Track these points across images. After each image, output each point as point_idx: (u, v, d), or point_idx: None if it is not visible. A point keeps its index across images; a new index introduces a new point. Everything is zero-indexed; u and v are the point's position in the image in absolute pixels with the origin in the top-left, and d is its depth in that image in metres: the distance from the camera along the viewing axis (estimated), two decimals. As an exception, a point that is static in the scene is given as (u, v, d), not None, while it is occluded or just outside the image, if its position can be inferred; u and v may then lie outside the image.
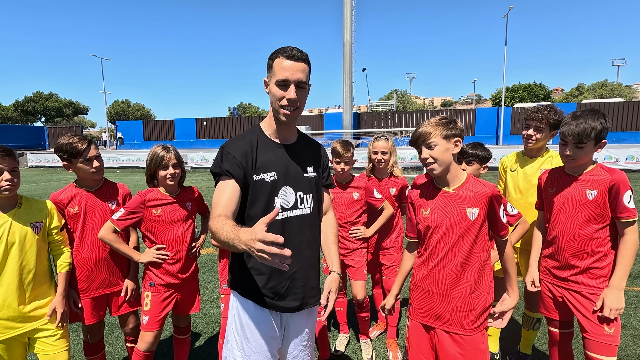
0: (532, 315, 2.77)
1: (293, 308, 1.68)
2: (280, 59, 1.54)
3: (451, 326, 1.80)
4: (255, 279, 1.63)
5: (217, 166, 1.59)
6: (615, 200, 1.94)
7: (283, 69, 1.53)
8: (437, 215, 1.81)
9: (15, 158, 1.99)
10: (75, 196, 2.32)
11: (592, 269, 2.02)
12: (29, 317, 2.03)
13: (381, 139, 3.03)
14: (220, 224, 1.33)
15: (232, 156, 1.56)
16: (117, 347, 3.23)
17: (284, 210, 1.63)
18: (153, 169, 2.38)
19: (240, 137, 1.65)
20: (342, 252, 3.01)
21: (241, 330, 1.66)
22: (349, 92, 22.61)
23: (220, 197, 1.51)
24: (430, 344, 1.88)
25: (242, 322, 1.66)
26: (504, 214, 1.82)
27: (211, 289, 4.48)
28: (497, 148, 18.59)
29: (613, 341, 1.95)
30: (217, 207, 1.49)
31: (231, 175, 1.54)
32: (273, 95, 1.58)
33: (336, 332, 3.39)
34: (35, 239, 2.04)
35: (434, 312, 1.84)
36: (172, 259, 2.41)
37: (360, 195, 2.97)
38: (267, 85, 1.63)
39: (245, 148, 1.59)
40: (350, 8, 21.85)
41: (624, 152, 15.30)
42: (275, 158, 1.63)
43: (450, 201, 1.80)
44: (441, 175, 1.81)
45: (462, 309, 1.78)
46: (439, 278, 1.82)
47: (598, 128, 1.93)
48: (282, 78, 1.53)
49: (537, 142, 2.53)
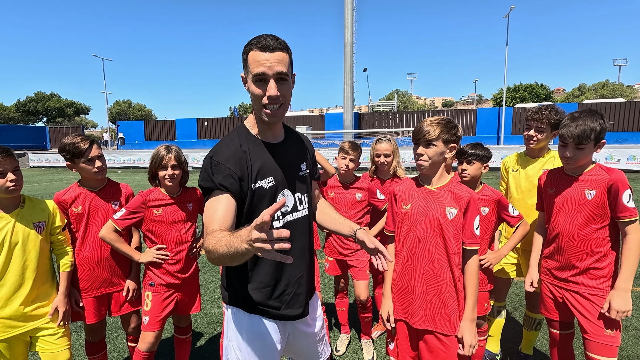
0: (533, 316, 2.77)
1: (300, 315, 1.60)
2: (255, 51, 1.35)
3: (424, 323, 1.84)
4: (259, 292, 1.51)
5: (207, 180, 1.39)
6: (614, 200, 1.94)
7: (259, 63, 1.34)
8: (417, 210, 1.87)
9: (15, 158, 2.00)
10: (79, 196, 2.33)
11: (592, 270, 2.02)
12: (31, 316, 2.04)
13: (384, 141, 3.01)
14: (216, 238, 1.19)
15: (224, 167, 1.39)
16: (118, 346, 3.24)
17: (284, 215, 1.52)
18: (154, 169, 2.39)
19: (228, 143, 1.47)
20: (345, 252, 3.02)
21: (245, 346, 1.54)
22: (349, 92, 22.61)
23: (214, 214, 1.34)
24: (411, 342, 1.92)
25: (244, 338, 1.54)
26: (478, 224, 1.84)
27: (212, 289, 4.48)
28: (499, 148, 18.56)
29: (613, 342, 1.94)
30: (212, 224, 1.32)
31: (225, 189, 1.37)
32: (252, 93, 1.40)
33: (337, 332, 3.40)
34: (38, 239, 2.05)
35: (411, 308, 1.88)
36: (173, 259, 2.42)
37: (363, 196, 2.97)
38: (245, 82, 1.45)
39: (238, 155, 1.42)
40: (351, 8, 21.85)
41: (625, 152, 15.27)
42: (270, 161, 1.49)
43: (432, 199, 1.86)
44: (428, 174, 1.89)
45: (436, 305, 1.82)
46: (415, 273, 1.86)
47: (597, 129, 1.94)
48: (258, 72, 1.35)
49: (538, 142, 2.53)
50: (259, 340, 1.54)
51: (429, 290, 1.83)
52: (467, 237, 1.82)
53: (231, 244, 1.11)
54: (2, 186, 1.92)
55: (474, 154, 2.46)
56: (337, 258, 3.06)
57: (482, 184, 2.52)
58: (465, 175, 2.44)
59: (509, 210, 2.43)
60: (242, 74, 1.46)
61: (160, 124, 37.44)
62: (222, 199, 1.37)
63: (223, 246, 1.14)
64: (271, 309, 1.53)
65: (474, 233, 1.82)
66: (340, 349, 3.14)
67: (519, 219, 2.43)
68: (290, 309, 1.56)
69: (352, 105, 23.07)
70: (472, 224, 1.82)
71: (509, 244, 2.47)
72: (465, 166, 2.45)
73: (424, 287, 1.84)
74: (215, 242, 1.19)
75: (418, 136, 1.83)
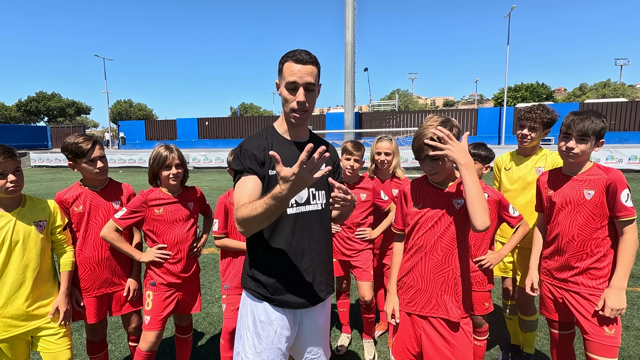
0: (527, 318, 2.79)
1: (305, 304, 1.71)
2: (290, 62, 1.60)
3: (437, 311, 1.84)
4: (269, 276, 1.67)
5: (238, 164, 1.63)
6: (613, 199, 1.94)
7: (292, 73, 1.59)
8: (429, 210, 1.88)
9: (17, 158, 2.01)
10: (80, 195, 2.34)
11: (591, 270, 2.02)
12: (32, 316, 2.04)
13: (384, 139, 3.02)
14: (250, 206, 1.43)
15: (250, 153, 1.62)
16: (119, 346, 3.25)
17: (298, 205, 1.68)
18: (156, 169, 2.39)
19: (256, 136, 1.72)
20: (349, 253, 3.02)
21: (253, 327, 1.70)
22: (350, 91, 22.59)
23: (244, 191, 1.57)
24: (414, 335, 1.91)
25: (254, 318, 1.70)
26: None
27: (213, 288, 4.49)
28: (499, 148, 18.55)
29: (614, 342, 1.94)
30: (242, 199, 1.54)
31: (252, 171, 1.60)
32: (283, 98, 1.65)
33: (338, 332, 3.40)
34: (39, 238, 2.06)
35: (420, 299, 1.89)
36: (174, 258, 2.42)
37: (367, 196, 2.97)
38: (278, 87, 1.70)
39: (262, 145, 1.65)
40: (352, 7, 21.82)
41: (626, 152, 15.23)
42: (289, 155, 1.64)
43: (442, 197, 1.87)
44: (439, 181, 1.89)
45: (447, 291, 1.84)
46: (424, 267, 1.87)
47: (600, 125, 1.99)
48: (290, 80, 1.59)
49: (531, 141, 2.61)
50: (268, 323, 1.69)
51: (437, 279, 1.84)
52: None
53: (268, 198, 1.35)
54: (2, 187, 1.93)
55: (477, 154, 2.46)
56: (340, 259, 3.06)
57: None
58: None
59: (510, 210, 2.43)
60: (276, 81, 1.71)
61: (161, 124, 37.48)
62: (250, 179, 1.60)
63: (259, 207, 1.38)
64: (279, 296, 1.67)
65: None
66: (341, 348, 3.14)
67: (519, 219, 2.43)
68: (296, 298, 1.69)
69: (353, 105, 23.04)
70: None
71: (509, 244, 2.48)
72: None
73: (432, 276, 1.85)
74: (250, 208, 1.42)
75: (421, 155, 1.80)
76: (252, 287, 1.71)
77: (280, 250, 1.66)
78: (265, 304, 1.69)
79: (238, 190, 1.60)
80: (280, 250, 1.66)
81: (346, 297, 3.26)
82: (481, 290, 2.55)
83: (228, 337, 2.59)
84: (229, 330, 2.57)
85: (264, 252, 1.67)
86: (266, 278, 1.67)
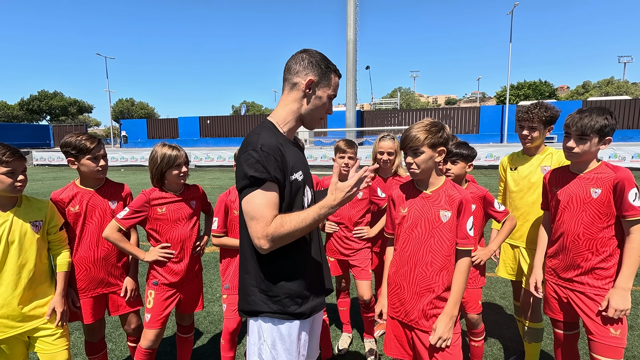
0: (533, 326, 2.59)
1: (323, 303, 1.69)
2: (337, 78, 1.65)
3: (418, 324, 1.84)
4: (297, 285, 1.54)
5: (262, 171, 1.40)
6: (620, 199, 1.90)
7: (337, 87, 1.66)
8: (414, 214, 1.88)
9: (24, 160, 2.04)
10: (77, 195, 2.32)
11: (597, 270, 1.98)
12: (29, 316, 2.03)
13: (387, 138, 2.99)
14: (296, 218, 1.38)
15: (273, 159, 1.42)
16: (120, 345, 3.24)
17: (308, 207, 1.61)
18: (165, 168, 2.35)
19: (268, 135, 1.50)
20: (347, 252, 3.00)
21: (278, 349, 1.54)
22: (352, 90, 22.56)
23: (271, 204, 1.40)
24: (405, 338, 1.91)
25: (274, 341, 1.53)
26: (472, 225, 1.84)
27: (214, 287, 4.48)
28: (502, 146, 18.46)
29: (619, 343, 1.91)
30: (271, 211, 1.39)
31: (277, 180, 1.43)
32: (322, 104, 1.62)
33: (339, 332, 3.38)
34: (35, 238, 2.04)
35: (404, 308, 1.88)
36: (177, 257, 2.41)
37: (364, 194, 2.94)
38: (312, 88, 1.57)
39: (280, 148, 1.48)
40: (354, 5, 21.77)
41: (630, 150, 15.18)
42: (297, 157, 1.60)
43: (427, 203, 1.87)
44: (422, 179, 1.90)
45: (432, 306, 1.82)
46: (410, 275, 1.87)
47: (602, 122, 1.92)
48: (334, 94, 1.65)
49: (533, 140, 2.55)
50: (297, 344, 1.57)
51: (422, 292, 1.83)
52: (460, 238, 1.83)
53: (318, 208, 1.38)
54: (11, 185, 1.94)
55: (458, 153, 2.47)
56: (338, 258, 3.04)
57: (467, 182, 2.57)
58: (449, 174, 2.46)
59: (495, 205, 2.46)
60: (312, 78, 1.55)
61: (163, 122, 37.57)
62: (274, 188, 1.43)
63: (309, 218, 1.37)
64: (304, 305, 1.55)
65: (467, 233, 1.83)
66: (342, 347, 3.13)
67: (505, 213, 2.46)
68: (319, 298, 1.65)
69: (355, 103, 23.03)
70: (465, 224, 1.83)
71: (498, 239, 2.50)
72: (449, 165, 2.48)
73: (417, 289, 1.85)
74: (297, 221, 1.37)
75: (404, 144, 1.85)
76: (274, 309, 1.50)
77: (301, 250, 1.55)
78: (289, 323, 1.52)
79: (262, 202, 1.39)
80: (301, 250, 1.55)
81: (346, 295, 3.24)
82: (474, 287, 2.54)
83: (228, 337, 2.57)
84: (229, 330, 2.56)
85: (287, 259, 1.51)
86: (295, 288, 1.52)
